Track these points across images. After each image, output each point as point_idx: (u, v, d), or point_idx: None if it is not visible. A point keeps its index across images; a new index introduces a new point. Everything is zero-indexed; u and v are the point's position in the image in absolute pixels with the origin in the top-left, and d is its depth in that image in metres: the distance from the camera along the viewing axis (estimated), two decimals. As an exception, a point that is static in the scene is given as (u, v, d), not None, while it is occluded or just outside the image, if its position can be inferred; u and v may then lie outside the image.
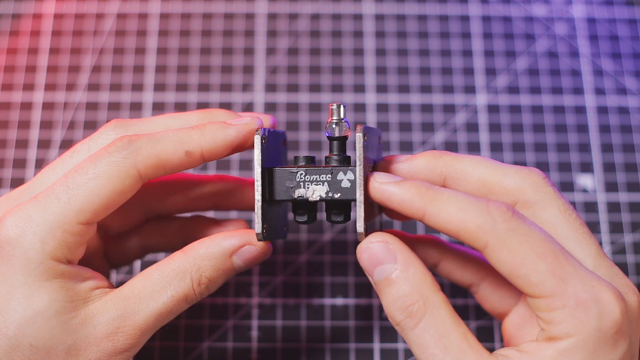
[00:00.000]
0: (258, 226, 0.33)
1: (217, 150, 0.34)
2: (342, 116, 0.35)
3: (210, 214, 0.51)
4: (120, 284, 0.35)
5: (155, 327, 0.34)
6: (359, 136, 0.33)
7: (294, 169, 0.34)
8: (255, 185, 0.33)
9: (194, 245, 0.34)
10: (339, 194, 0.34)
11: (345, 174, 0.34)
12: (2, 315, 0.32)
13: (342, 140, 0.35)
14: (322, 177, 0.34)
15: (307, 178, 0.34)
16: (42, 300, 0.32)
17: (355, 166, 0.34)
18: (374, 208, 0.37)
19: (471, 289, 0.39)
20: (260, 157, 0.33)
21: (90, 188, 0.32)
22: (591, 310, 0.30)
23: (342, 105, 0.35)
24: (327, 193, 0.34)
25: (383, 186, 0.33)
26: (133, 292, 0.33)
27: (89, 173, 0.32)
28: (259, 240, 0.34)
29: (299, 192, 0.34)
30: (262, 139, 0.33)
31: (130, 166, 0.33)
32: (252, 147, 0.35)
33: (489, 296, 0.38)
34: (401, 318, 0.32)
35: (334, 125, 0.35)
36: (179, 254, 0.34)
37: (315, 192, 0.34)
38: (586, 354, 0.30)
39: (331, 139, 0.35)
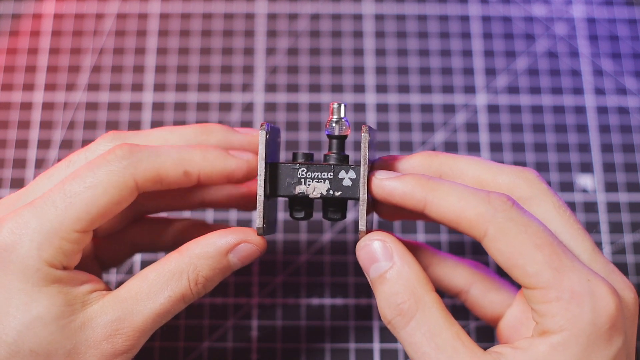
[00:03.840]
0: (259, 221, 0.34)
1: (213, 177, 0.35)
2: (342, 115, 0.35)
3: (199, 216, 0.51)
4: (120, 284, 0.35)
5: (154, 327, 0.34)
6: (364, 136, 0.33)
7: (296, 165, 0.34)
8: (258, 180, 0.33)
9: (190, 245, 0.34)
10: (339, 192, 0.34)
11: (347, 172, 0.34)
12: (1, 322, 0.32)
13: (342, 139, 0.36)
14: (324, 175, 0.34)
15: (308, 175, 0.34)
16: (41, 305, 0.32)
17: (356, 165, 0.34)
18: (369, 206, 0.37)
19: (460, 297, 0.39)
20: (264, 153, 0.33)
21: (87, 197, 0.32)
22: (585, 303, 0.30)
23: (342, 105, 0.35)
24: (327, 191, 0.34)
25: (384, 182, 0.33)
26: (130, 293, 0.33)
27: (87, 181, 0.32)
28: (258, 234, 0.34)
29: (300, 189, 0.34)
30: (266, 134, 0.34)
31: (129, 177, 0.33)
32: (248, 181, 0.36)
33: (479, 301, 0.38)
34: (392, 316, 0.32)
35: (334, 124, 0.35)
36: (175, 254, 0.34)
37: (316, 189, 0.34)
38: (580, 348, 0.30)
39: (331, 137, 0.36)
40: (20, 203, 0.35)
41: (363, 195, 0.33)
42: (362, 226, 0.33)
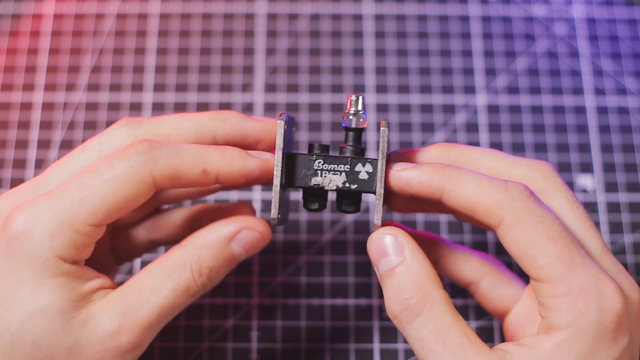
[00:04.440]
0: (274, 211, 0.33)
1: (232, 176, 0.34)
2: (360, 108, 0.35)
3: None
4: (120, 284, 0.35)
5: (159, 323, 0.33)
6: (383, 130, 0.33)
7: (312, 157, 0.34)
8: (275, 170, 0.33)
9: (192, 237, 0.34)
10: (355, 185, 0.34)
11: (364, 165, 0.34)
12: (7, 309, 0.32)
13: (359, 131, 0.35)
14: (340, 167, 0.34)
15: (325, 167, 0.34)
16: (45, 297, 0.32)
17: (373, 159, 0.34)
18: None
19: (470, 288, 0.39)
20: (282, 143, 0.33)
21: (104, 190, 0.32)
22: (592, 301, 0.30)
23: (360, 97, 0.35)
24: (344, 183, 0.34)
25: (401, 172, 0.33)
26: (133, 289, 0.33)
27: (105, 175, 0.32)
28: (273, 224, 0.34)
29: (316, 180, 0.34)
30: (284, 124, 0.34)
31: (147, 173, 0.32)
32: (268, 183, 0.35)
33: (489, 294, 0.38)
34: (398, 311, 0.32)
35: (351, 116, 0.35)
36: (177, 247, 0.34)
37: (332, 181, 0.34)
38: (585, 346, 0.30)
39: (348, 129, 0.35)
40: (36, 191, 0.35)
41: (380, 190, 0.33)
42: (377, 220, 0.33)
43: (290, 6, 0.56)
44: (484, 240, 0.49)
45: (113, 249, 0.40)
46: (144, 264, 0.48)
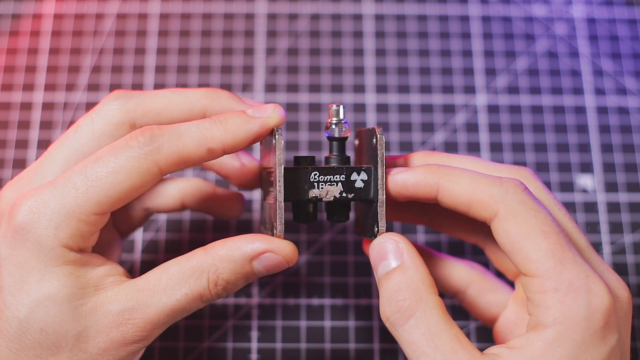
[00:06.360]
0: (281, 227, 0.33)
1: (238, 145, 0.34)
2: (341, 117, 0.36)
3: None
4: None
5: (167, 322, 0.33)
6: (380, 137, 0.33)
7: (308, 169, 0.34)
8: (277, 186, 0.33)
9: (216, 245, 0.34)
10: (352, 194, 0.34)
11: (358, 174, 0.34)
12: (15, 297, 0.32)
13: (342, 140, 0.36)
14: (336, 178, 0.34)
15: (321, 178, 0.34)
16: (53, 285, 0.32)
17: (367, 166, 0.35)
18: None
19: (458, 297, 0.39)
20: (282, 159, 0.33)
21: (109, 182, 0.32)
22: (581, 298, 0.30)
23: (341, 106, 0.35)
24: (340, 193, 0.34)
25: (396, 176, 0.34)
26: (148, 284, 0.33)
27: (109, 166, 0.32)
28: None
29: (313, 193, 0.34)
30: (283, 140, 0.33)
31: (152, 163, 0.33)
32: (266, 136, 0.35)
33: (476, 302, 0.39)
34: (391, 312, 0.32)
35: (334, 126, 0.35)
36: (200, 252, 0.34)
37: (329, 192, 0.34)
38: (574, 344, 0.30)
39: (331, 139, 0.36)
40: (37, 179, 0.35)
41: (382, 197, 0.33)
42: (382, 227, 0.34)
43: (290, 6, 0.56)
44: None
45: (115, 224, 0.41)
46: (143, 265, 0.49)
